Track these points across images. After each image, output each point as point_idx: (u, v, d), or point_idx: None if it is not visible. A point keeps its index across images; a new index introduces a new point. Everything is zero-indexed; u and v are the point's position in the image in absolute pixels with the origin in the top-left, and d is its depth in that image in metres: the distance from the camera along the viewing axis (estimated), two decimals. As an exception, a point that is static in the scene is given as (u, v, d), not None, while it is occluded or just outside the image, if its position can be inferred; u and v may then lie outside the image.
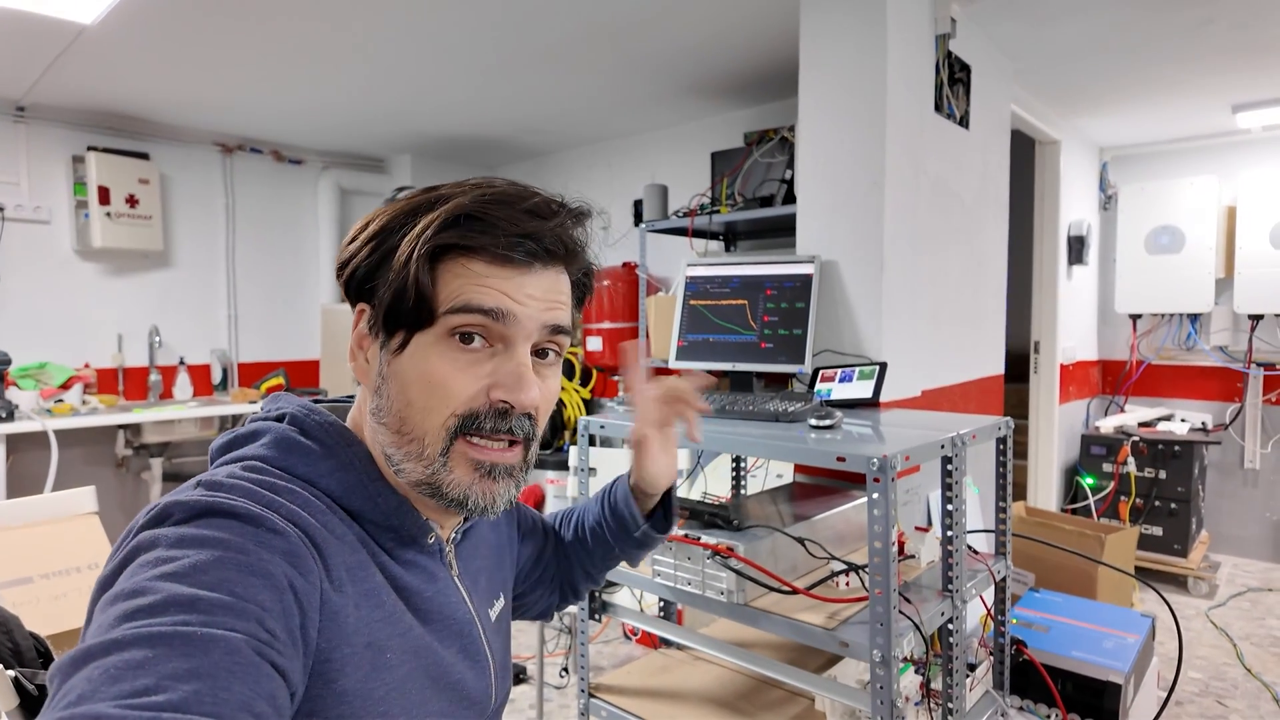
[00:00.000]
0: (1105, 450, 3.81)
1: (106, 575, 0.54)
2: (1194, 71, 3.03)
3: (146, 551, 0.53)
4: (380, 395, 0.67)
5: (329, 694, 0.58)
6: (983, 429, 1.52)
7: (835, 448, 1.31)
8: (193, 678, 0.45)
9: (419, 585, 0.69)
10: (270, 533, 0.56)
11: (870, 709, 1.24)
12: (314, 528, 0.60)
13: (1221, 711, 2.46)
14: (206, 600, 0.49)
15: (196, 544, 0.53)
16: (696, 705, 1.60)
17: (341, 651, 0.59)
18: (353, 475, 0.67)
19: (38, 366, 3.46)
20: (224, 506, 0.56)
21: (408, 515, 0.69)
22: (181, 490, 0.59)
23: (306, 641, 0.56)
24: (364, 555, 0.65)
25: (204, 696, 0.45)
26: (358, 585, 0.62)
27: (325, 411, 0.70)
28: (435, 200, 0.66)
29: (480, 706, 0.74)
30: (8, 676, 1.15)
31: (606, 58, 2.92)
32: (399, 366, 0.65)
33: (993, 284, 2.84)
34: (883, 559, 1.21)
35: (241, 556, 0.53)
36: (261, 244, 4.33)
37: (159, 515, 0.56)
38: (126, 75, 3.08)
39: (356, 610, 0.61)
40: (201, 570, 0.51)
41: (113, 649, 0.46)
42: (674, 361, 2.16)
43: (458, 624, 0.72)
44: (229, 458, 0.66)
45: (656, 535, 0.99)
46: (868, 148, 2.09)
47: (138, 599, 0.49)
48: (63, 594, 1.79)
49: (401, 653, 0.64)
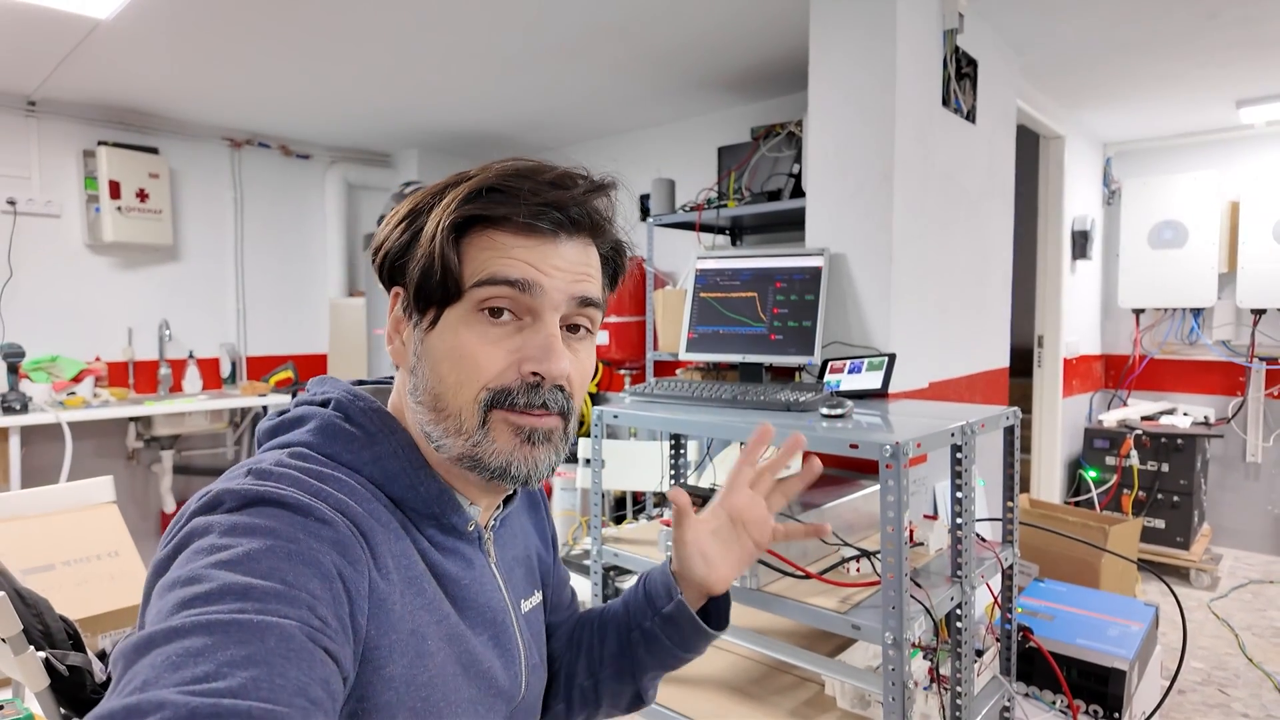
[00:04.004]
0: (1108, 444, 3.84)
1: (161, 559, 0.56)
2: (1198, 66, 3.05)
3: (200, 538, 0.55)
4: (416, 374, 0.68)
5: (378, 680, 0.59)
6: (991, 418, 1.54)
7: (847, 435, 1.34)
8: (249, 664, 0.46)
9: (457, 572, 0.70)
10: (319, 522, 0.57)
11: (882, 691, 1.27)
12: (361, 516, 0.61)
13: (1223, 700, 2.49)
14: (259, 589, 0.51)
15: (248, 533, 0.54)
16: (708, 690, 1.63)
17: (389, 639, 0.60)
18: (396, 463, 0.67)
19: (49, 359, 3.49)
20: (273, 496, 0.57)
21: (449, 502, 0.69)
22: (232, 477, 0.61)
23: (356, 629, 0.57)
24: (407, 543, 0.66)
25: (261, 682, 0.46)
26: (402, 573, 0.63)
27: (370, 397, 0.70)
28: (461, 179, 0.68)
29: (508, 696, 0.74)
30: (39, 658, 1.17)
31: (613, 52, 2.94)
32: (431, 344, 0.66)
33: (998, 278, 2.87)
34: (895, 543, 1.23)
35: (291, 546, 0.55)
36: (270, 238, 4.35)
37: (211, 502, 0.58)
38: (137, 70, 3.10)
39: (401, 598, 0.62)
40: (254, 559, 0.53)
41: (173, 636, 0.47)
42: (684, 354, 2.19)
43: (491, 611, 0.73)
44: (275, 443, 0.67)
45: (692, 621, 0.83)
46: (877, 141, 2.11)
47: (194, 586, 0.51)
48: (84, 580, 1.82)
49: (439, 640, 0.65)
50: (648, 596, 0.86)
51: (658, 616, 0.84)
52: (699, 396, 1.79)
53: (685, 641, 0.84)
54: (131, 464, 3.83)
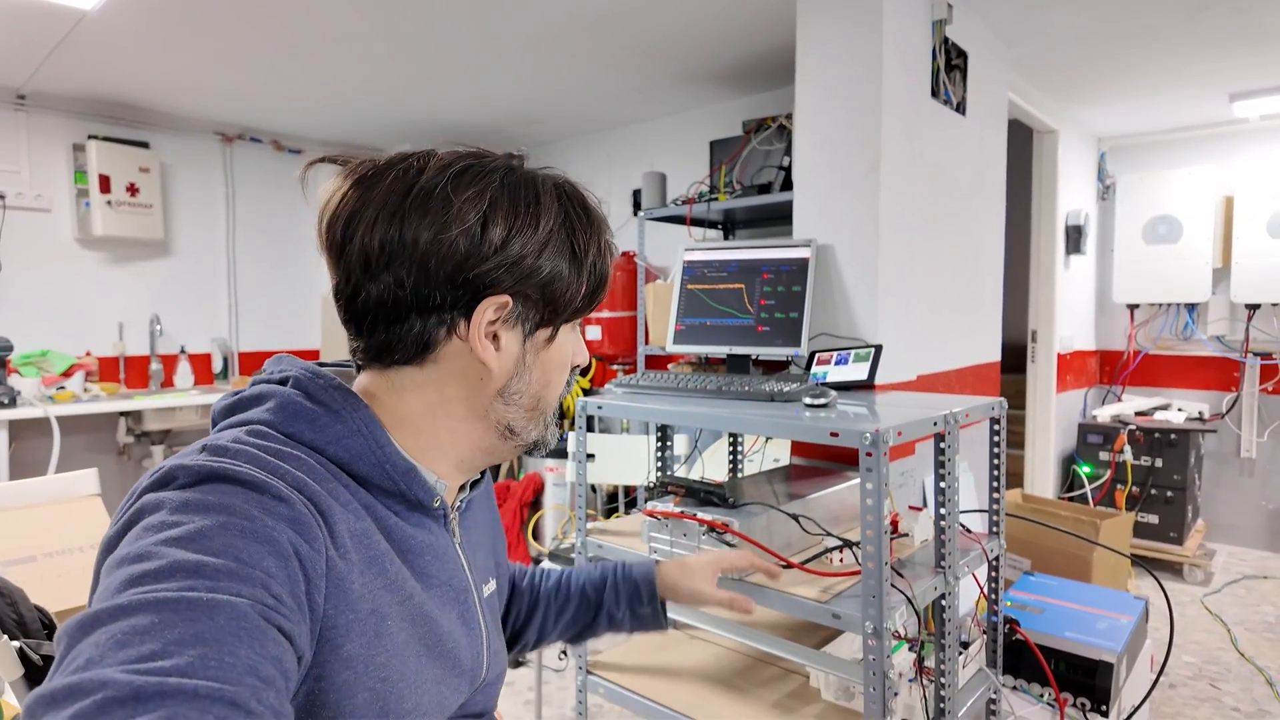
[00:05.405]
0: (1102, 439, 3.83)
1: (111, 536, 0.55)
2: (1191, 60, 3.04)
3: (150, 514, 0.54)
4: (519, 380, 0.72)
5: (335, 659, 0.58)
6: (976, 408, 1.53)
7: (829, 424, 1.33)
8: (198, 642, 0.46)
9: (422, 548, 0.70)
10: (275, 499, 0.56)
11: (863, 681, 1.26)
12: (319, 495, 0.61)
13: (1214, 694, 2.48)
14: (211, 566, 0.50)
15: (201, 509, 0.53)
16: (693, 682, 1.62)
17: (346, 617, 0.59)
18: (360, 441, 0.66)
19: (39, 354, 3.47)
20: (228, 472, 0.56)
21: (415, 479, 0.69)
22: (186, 454, 0.59)
23: (313, 608, 0.56)
24: (369, 522, 0.65)
25: (209, 660, 0.45)
26: (362, 552, 0.63)
27: (330, 374, 0.69)
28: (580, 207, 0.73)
29: (471, 675, 0.75)
30: (13, 647, 1.16)
31: (606, 46, 2.93)
32: (549, 354, 0.74)
33: (989, 271, 2.85)
34: (875, 532, 1.22)
35: (246, 523, 0.54)
36: (262, 233, 4.34)
37: (163, 478, 0.57)
38: (127, 64, 3.09)
39: (361, 577, 0.62)
40: (206, 536, 0.52)
41: (119, 614, 0.46)
42: (671, 346, 2.18)
43: (455, 590, 0.73)
44: (233, 421, 0.66)
45: (657, 620, 1.07)
46: (864, 132, 2.10)
47: (143, 563, 0.49)
48: (66, 572, 1.81)
49: (400, 620, 0.65)
50: (628, 592, 1.05)
51: (630, 612, 1.05)
52: (684, 388, 1.78)
53: (640, 629, 1.08)
54: (122, 459, 3.82)
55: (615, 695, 1.60)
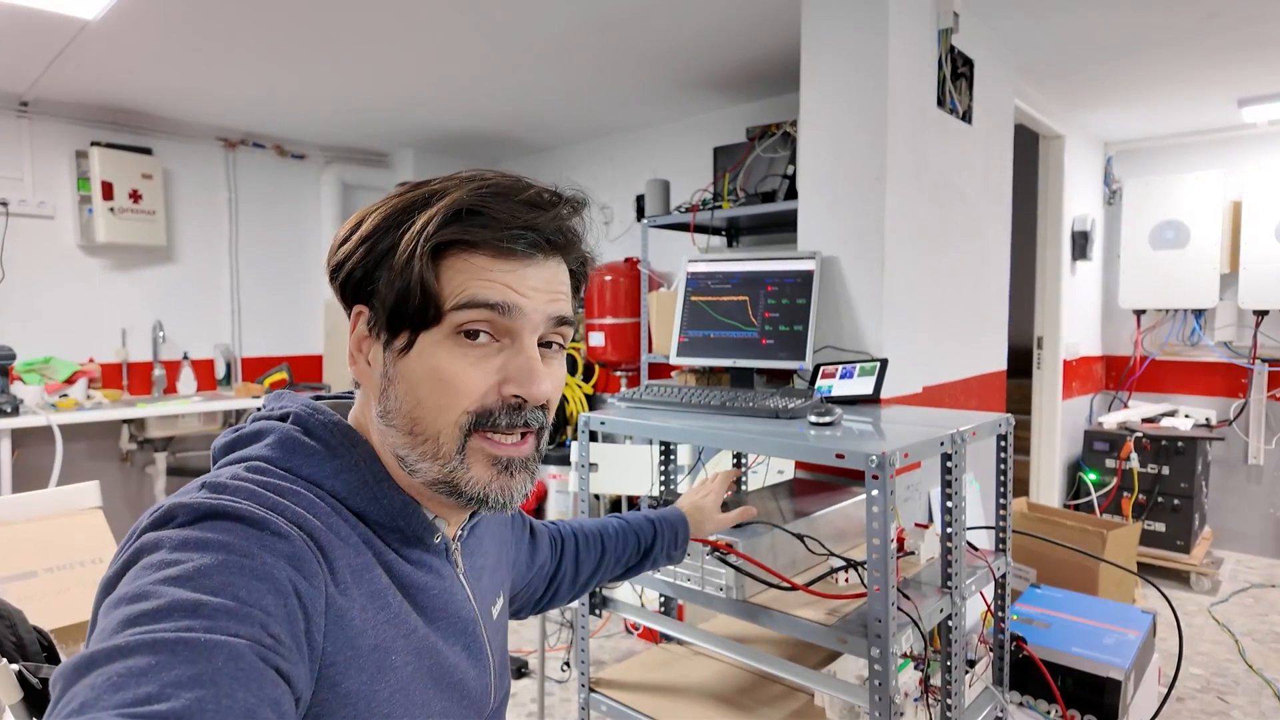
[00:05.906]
0: (1108, 446, 3.81)
1: (110, 576, 0.54)
2: (1199, 66, 3.01)
3: (150, 554, 0.53)
4: (388, 397, 0.66)
5: (334, 696, 0.58)
6: (983, 426, 1.52)
7: (835, 444, 1.31)
8: (196, 685, 0.45)
9: (425, 583, 0.69)
10: (274, 536, 0.56)
11: (868, 705, 1.24)
12: (319, 530, 0.60)
13: (1223, 708, 2.46)
14: (210, 605, 0.49)
15: (200, 547, 0.53)
16: (697, 700, 1.60)
17: (346, 654, 0.59)
18: (357, 476, 0.66)
19: (42, 361, 3.47)
20: (228, 509, 0.56)
21: (414, 515, 0.68)
22: (186, 491, 0.59)
23: (312, 646, 0.56)
24: (369, 557, 0.64)
25: (207, 703, 0.44)
26: (363, 587, 0.62)
27: (329, 410, 0.69)
28: (430, 196, 0.65)
29: (479, 705, 0.74)
30: (11, 671, 1.16)
31: (609, 51, 2.91)
32: (406, 367, 0.65)
33: (995, 280, 2.83)
34: (881, 556, 1.21)
35: (245, 560, 0.53)
36: (265, 239, 4.34)
37: (163, 517, 0.56)
38: (129, 70, 3.09)
39: (362, 613, 0.61)
40: (205, 574, 0.51)
41: (116, 655, 0.45)
42: (675, 358, 2.16)
43: (462, 622, 0.72)
44: (233, 458, 0.66)
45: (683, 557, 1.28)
46: (869, 143, 2.08)
47: (141, 603, 0.49)
48: (66, 588, 1.80)
49: (406, 654, 0.64)
50: (668, 539, 1.23)
51: (666, 556, 1.24)
52: (687, 403, 1.76)
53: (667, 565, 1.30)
54: (125, 466, 3.82)
55: (618, 713, 1.58)
